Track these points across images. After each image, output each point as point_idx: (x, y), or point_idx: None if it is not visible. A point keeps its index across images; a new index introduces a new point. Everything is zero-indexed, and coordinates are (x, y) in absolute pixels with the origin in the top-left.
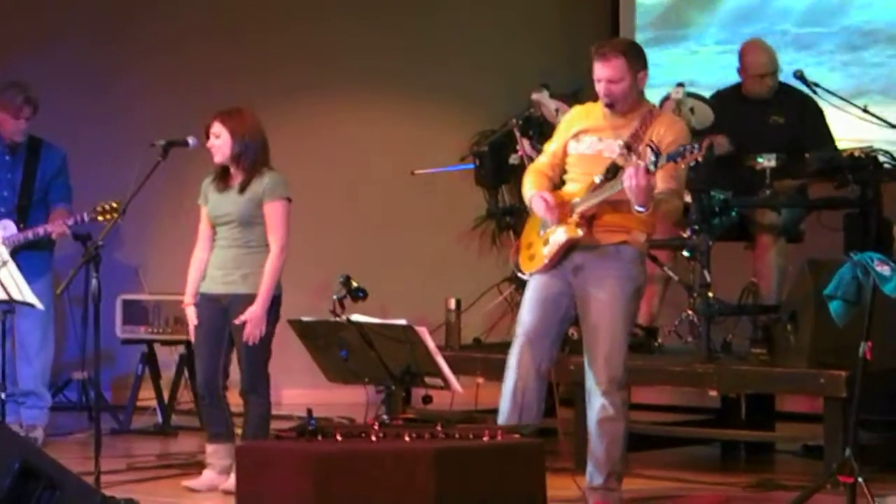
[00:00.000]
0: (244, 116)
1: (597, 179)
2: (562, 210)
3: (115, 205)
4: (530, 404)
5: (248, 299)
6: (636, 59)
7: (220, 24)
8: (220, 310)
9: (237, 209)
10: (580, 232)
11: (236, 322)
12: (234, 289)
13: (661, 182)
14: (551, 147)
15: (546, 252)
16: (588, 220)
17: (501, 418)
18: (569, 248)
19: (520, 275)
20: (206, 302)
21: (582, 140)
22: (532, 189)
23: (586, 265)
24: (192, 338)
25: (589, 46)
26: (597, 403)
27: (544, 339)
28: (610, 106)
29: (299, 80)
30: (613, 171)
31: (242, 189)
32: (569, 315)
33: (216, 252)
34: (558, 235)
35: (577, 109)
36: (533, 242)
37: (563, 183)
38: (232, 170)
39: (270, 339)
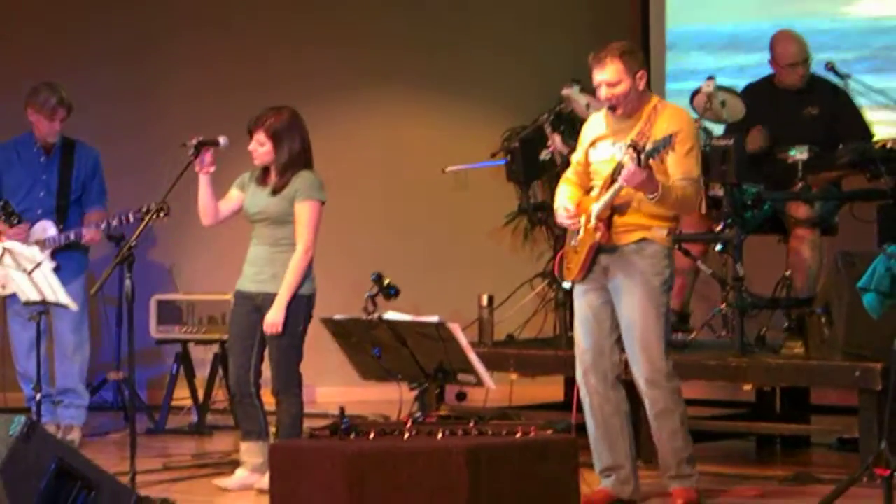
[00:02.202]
0: (288, 120)
1: (596, 186)
2: (585, 216)
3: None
4: (612, 416)
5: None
6: (633, 61)
7: (253, 34)
8: (253, 308)
9: (271, 207)
10: (598, 235)
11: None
12: (265, 287)
13: (673, 167)
14: (575, 157)
15: (577, 259)
16: (607, 223)
17: (590, 435)
18: (596, 252)
19: (563, 284)
20: (241, 300)
21: (598, 147)
22: (560, 200)
23: (611, 266)
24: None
25: (621, 40)
26: (648, 400)
27: (602, 357)
28: (612, 109)
29: (328, 82)
30: (620, 171)
31: (277, 189)
32: (615, 322)
33: (251, 250)
34: (582, 243)
35: (592, 118)
36: (568, 252)
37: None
38: (272, 171)
39: (302, 339)
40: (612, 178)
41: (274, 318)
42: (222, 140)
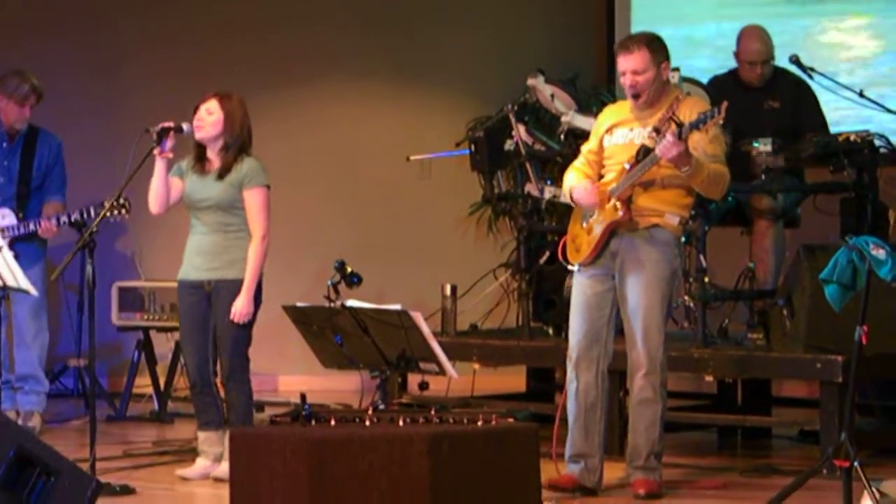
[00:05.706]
0: (238, 102)
1: (626, 166)
2: (600, 198)
3: (123, 201)
4: (594, 404)
5: (234, 285)
6: (659, 51)
7: (218, 18)
8: (203, 296)
9: (217, 194)
10: (620, 213)
11: (232, 319)
12: (220, 275)
13: (704, 146)
14: (587, 147)
15: (589, 240)
16: (627, 203)
17: (570, 420)
18: (610, 234)
19: (569, 267)
20: (188, 289)
21: (615, 133)
22: (571, 181)
23: (621, 250)
24: None
25: (586, 32)
26: (636, 386)
27: (598, 343)
28: (636, 97)
29: (292, 69)
30: (644, 153)
31: (222, 175)
32: (614, 310)
33: (196, 238)
34: (599, 221)
35: (608, 108)
36: (577, 234)
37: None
38: (211, 154)
39: (251, 326)
40: (636, 160)
41: (242, 307)
42: (186, 127)
